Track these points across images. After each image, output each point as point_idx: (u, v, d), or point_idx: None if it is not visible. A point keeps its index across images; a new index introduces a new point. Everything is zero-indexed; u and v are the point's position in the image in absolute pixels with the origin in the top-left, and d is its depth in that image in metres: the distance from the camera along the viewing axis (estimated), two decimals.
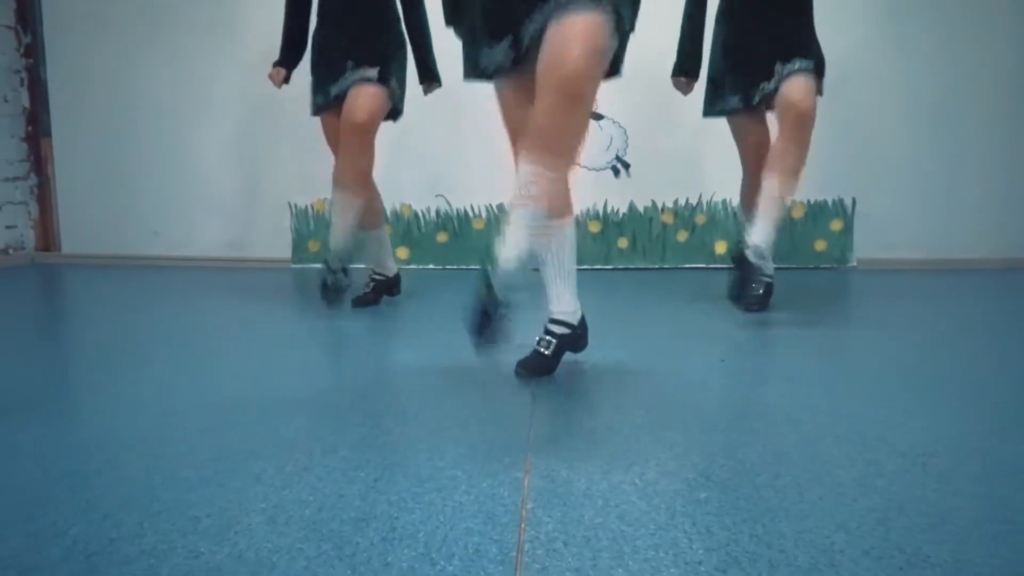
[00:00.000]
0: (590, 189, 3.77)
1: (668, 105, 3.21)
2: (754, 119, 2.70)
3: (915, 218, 3.81)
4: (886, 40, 3.72)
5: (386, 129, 2.79)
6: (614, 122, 3.81)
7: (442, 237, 4.00)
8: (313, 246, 4.06)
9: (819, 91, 2.58)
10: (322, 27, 2.75)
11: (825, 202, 3.80)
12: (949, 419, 1.59)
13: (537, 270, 1.88)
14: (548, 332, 1.91)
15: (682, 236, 3.89)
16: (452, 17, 1.86)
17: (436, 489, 1.24)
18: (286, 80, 2.81)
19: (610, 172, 3.87)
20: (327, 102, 2.71)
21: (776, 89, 2.53)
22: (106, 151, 4.21)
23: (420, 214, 3.99)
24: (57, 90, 4.23)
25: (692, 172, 3.81)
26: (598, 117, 3.76)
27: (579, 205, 2.82)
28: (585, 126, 1.71)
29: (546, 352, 1.89)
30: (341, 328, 2.68)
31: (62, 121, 4.24)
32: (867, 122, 3.77)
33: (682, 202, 3.86)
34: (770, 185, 2.49)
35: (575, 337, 1.94)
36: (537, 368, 1.88)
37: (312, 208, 4.07)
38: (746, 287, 2.52)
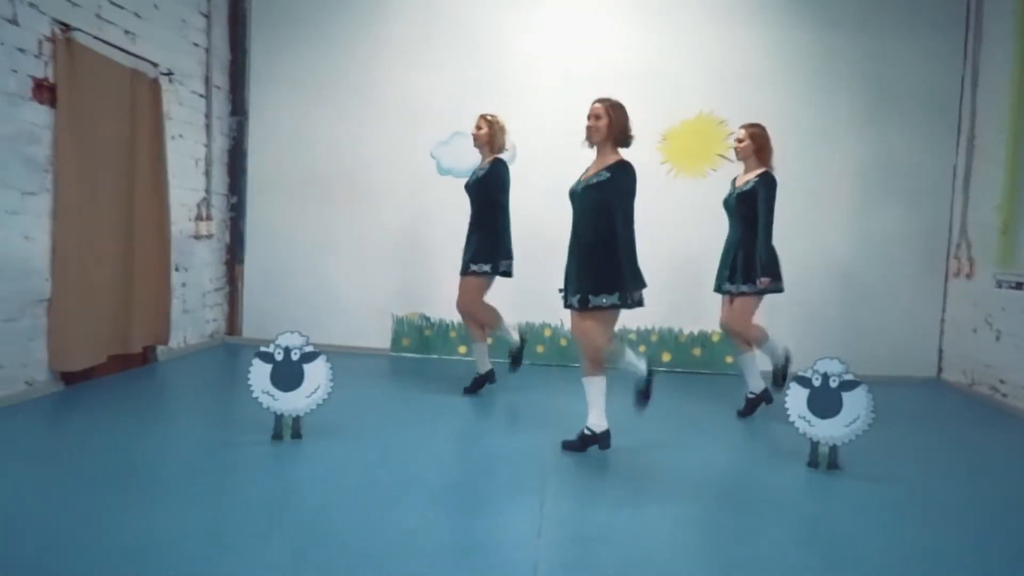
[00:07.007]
0: None
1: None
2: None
3: None
4: None
5: None
6: None
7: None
8: (405, 342, 6.32)
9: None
10: None
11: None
12: None
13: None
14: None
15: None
16: None
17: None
18: None
19: None
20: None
21: None
22: (275, 271, 6.55)
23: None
24: (250, 235, 6.63)
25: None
26: None
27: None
28: None
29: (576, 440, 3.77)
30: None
31: (251, 253, 6.65)
32: None
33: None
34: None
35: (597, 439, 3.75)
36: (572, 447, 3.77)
37: (406, 318, 6.35)
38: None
